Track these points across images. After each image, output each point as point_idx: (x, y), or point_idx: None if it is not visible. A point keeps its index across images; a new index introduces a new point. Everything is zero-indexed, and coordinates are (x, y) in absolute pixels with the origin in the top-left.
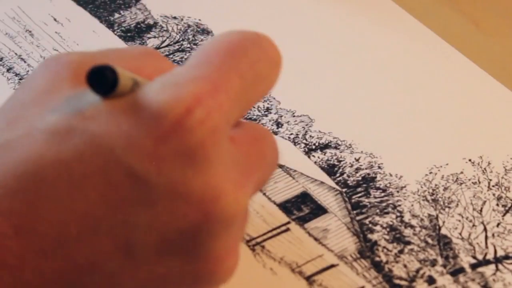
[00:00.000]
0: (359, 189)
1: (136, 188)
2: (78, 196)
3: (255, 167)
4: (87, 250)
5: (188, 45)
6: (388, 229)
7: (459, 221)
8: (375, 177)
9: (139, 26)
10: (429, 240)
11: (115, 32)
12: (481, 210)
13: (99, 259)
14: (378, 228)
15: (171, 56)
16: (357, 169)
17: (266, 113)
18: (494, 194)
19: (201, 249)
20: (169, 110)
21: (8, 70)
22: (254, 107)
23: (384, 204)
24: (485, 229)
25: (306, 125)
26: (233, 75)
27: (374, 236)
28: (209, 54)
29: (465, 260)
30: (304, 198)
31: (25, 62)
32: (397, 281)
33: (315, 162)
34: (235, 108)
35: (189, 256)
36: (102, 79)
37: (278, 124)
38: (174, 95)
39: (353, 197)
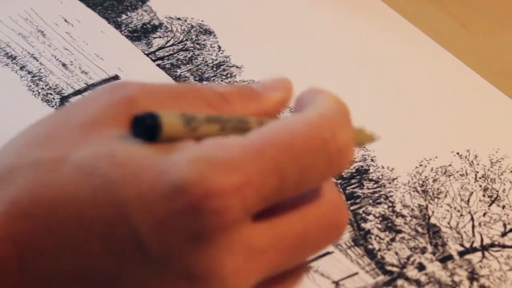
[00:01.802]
0: (353, 181)
1: (136, 248)
2: (81, 240)
3: (282, 252)
4: None
5: (191, 45)
6: (380, 219)
7: (448, 211)
8: (368, 169)
9: (145, 26)
10: (419, 229)
11: (123, 33)
12: (468, 201)
13: None
14: (371, 217)
15: (175, 55)
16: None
17: None
18: (480, 186)
19: None
20: (189, 188)
21: (21, 68)
22: None
23: (376, 195)
24: (472, 219)
25: None
26: (275, 174)
27: (367, 225)
28: (265, 140)
29: (453, 248)
30: None
31: (37, 60)
32: (389, 268)
33: None
34: (262, 203)
35: None
36: (145, 126)
37: None
38: (201, 176)
39: (348, 188)
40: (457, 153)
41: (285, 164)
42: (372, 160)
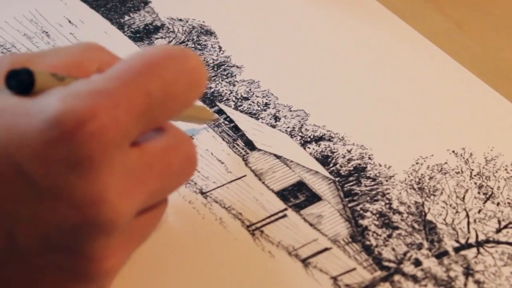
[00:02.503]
0: (351, 178)
1: (23, 185)
2: None
3: (153, 178)
4: None
5: (193, 45)
6: (377, 215)
7: (444, 208)
8: (366, 167)
9: (147, 27)
10: (416, 226)
11: (125, 33)
12: (463, 198)
13: None
14: (368, 214)
15: None
16: (349, 160)
17: (265, 107)
18: (475, 183)
19: (78, 248)
20: (63, 119)
21: None
22: (253, 102)
23: (374, 192)
24: (467, 215)
25: (302, 119)
26: (139, 93)
27: (364, 222)
28: (123, 68)
29: (449, 244)
30: (300, 186)
31: None
32: (386, 263)
33: (310, 153)
34: (137, 124)
35: (67, 254)
36: (19, 80)
37: (276, 118)
38: (72, 106)
39: (346, 185)
40: (453, 151)
41: (148, 81)
42: (369, 158)
